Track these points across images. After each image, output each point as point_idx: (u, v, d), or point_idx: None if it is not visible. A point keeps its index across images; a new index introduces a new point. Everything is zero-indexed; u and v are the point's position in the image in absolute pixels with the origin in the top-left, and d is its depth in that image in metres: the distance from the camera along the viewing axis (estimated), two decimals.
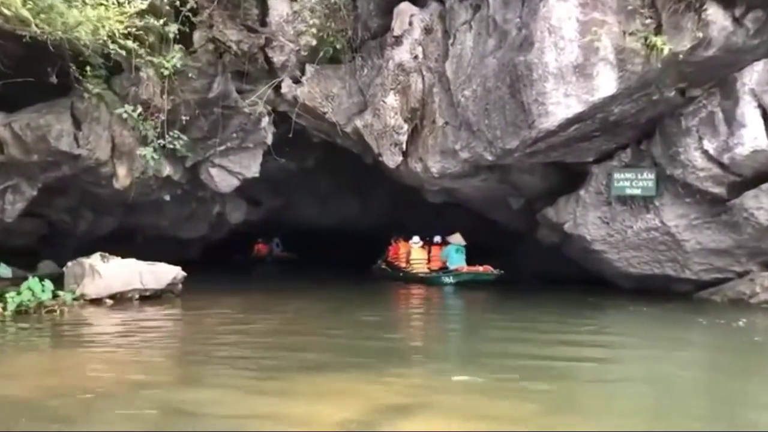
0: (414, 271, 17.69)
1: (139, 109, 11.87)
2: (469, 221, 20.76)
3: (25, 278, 14.49)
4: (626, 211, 11.76)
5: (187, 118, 12.44)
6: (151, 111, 12.49)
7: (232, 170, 15.05)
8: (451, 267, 16.60)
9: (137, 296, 10.35)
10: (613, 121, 10.34)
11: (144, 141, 12.94)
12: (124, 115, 11.51)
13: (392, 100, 12.45)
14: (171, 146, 12.32)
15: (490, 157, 11.17)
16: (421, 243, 18.28)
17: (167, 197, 14.44)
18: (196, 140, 13.93)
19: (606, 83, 9.59)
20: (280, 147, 19.24)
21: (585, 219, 12.21)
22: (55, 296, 9.45)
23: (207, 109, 13.13)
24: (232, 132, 14.02)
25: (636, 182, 11.34)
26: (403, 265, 18.51)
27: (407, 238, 18.96)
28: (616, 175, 11.49)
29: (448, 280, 16.32)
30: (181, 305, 10.82)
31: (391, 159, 12.62)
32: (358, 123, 12.83)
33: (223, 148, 14.46)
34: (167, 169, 14.49)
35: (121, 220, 18.01)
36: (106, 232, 17.70)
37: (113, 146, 12.58)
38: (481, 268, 16.00)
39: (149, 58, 11.25)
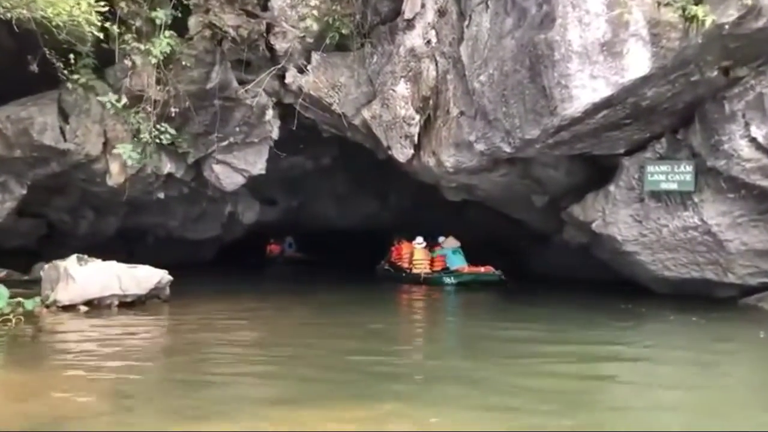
0: (416, 272, 17.46)
1: (124, 99, 11.03)
2: (492, 221, 19.67)
3: (21, 281, 13.90)
4: (661, 208, 10.60)
5: (178, 110, 11.56)
6: (145, 103, 11.72)
7: (236, 167, 14.18)
8: (452, 268, 16.54)
9: (116, 302, 9.47)
10: (646, 107, 9.20)
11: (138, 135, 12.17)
12: (108, 105, 10.64)
13: (403, 88, 11.46)
14: (158, 140, 11.41)
15: (508, 149, 10.11)
16: (424, 244, 18.14)
17: (161, 195, 13.60)
18: (197, 135, 13.11)
19: (638, 62, 8.46)
20: (292, 143, 18.44)
21: (615, 217, 11.07)
22: (20, 304, 8.59)
23: (206, 101, 12.29)
24: (235, 126, 13.16)
25: (672, 176, 10.18)
26: (406, 265, 18.29)
27: (410, 239, 18.82)
28: (650, 168, 10.34)
29: (449, 280, 16.21)
30: (163, 312, 9.88)
31: (401, 152, 11.62)
32: (366, 114, 11.86)
33: (226, 143, 13.62)
34: (168, 166, 13.70)
35: (125, 220, 17.31)
36: (111, 232, 17.01)
37: (106, 141, 11.79)
38: (482, 269, 15.92)
39: (135, 44, 10.40)
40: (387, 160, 14.61)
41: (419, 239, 18.22)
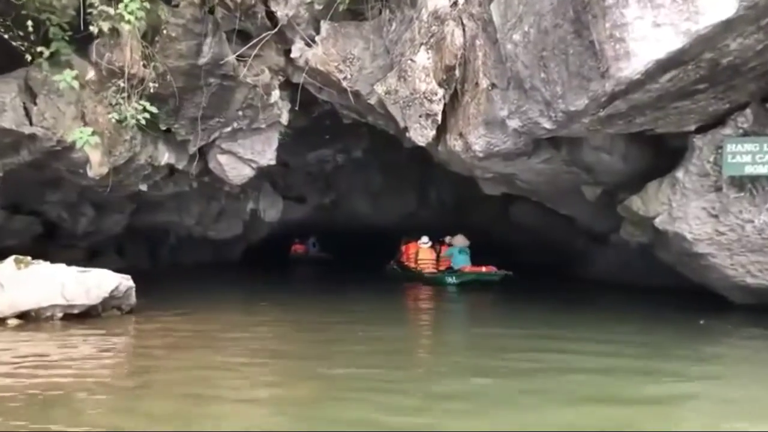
0: (419, 272, 17.48)
1: (91, 75, 9.54)
2: (541, 219, 17.62)
3: None
4: (744, 199, 8.45)
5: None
6: (123, 79, 10.21)
7: (243, 157, 12.62)
8: (456, 267, 16.45)
9: (59, 315, 7.90)
10: (727, 66, 7.08)
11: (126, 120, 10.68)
12: (61, 85, 9.10)
13: (423, 58, 9.61)
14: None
15: (548, 125, 8.15)
16: (429, 243, 17.98)
17: (144, 187, 12.04)
18: (195, 120, 11.58)
19: (718, 3, 6.40)
20: (316, 134, 16.84)
21: (684, 211, 8.96)
22: None
23: (200, 79, 10.73)
24: (237, 109, 11.59)
25: (760, 157, 8.04)
26: (413, 265, 18.19)
27: (418, 239, 18.53)
28: (731, 148, 8.19)
29: (452, 280, 16.12)
30: (115, 327, 8.14)
31: (421, 134, 9.76)
32: (379, 89, 10.05)
33: (229, 129, 12.08)
34: (165, 156, 12.24)
35: (133, 218, 15.96)
36: (116, 231, 15.68)
37: (84, 125, 10.31)
38: (484, 269, 15.66)
39: (104, 8, 8.85)
40: (424, 151, 12.85)
41: (424, 239, 18.01)
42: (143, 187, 11.83)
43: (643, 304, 11.89)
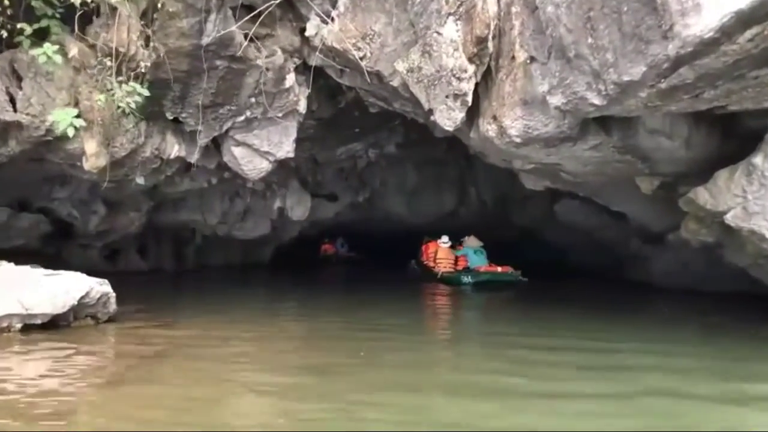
0: (438, 271, 17.59)
1: (74, 52, 8.59)
2: (588, 216, 16.15)
3: None
4: None
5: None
6: (129, 65, 9.30)
7: (259, 149, 11.56)
8: (472, 267, 16.84)
9: (18, 326, 6.87)
10: None
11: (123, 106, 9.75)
12: (41, 59, 8.11)
13: (451, 30, 8.36)
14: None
15: (596, 100, 6.81)
16: (449, 243, 18.14)
17: (141, 180, 11.03)
18: (204, 109, 10.58)
19: None
20: (344, 126, 15.73)
21: (763, 204, 7.51)
22: None
23: (205, 61, 9.70)
24: (249, 96, 10.53)
25: None
26: (432, 264, 18.29)
27: (438, 238, 18.79)
28: None
29: (467, 279, 16.34)
30: (79, 342, 6.88)
31: (448, 117, 8.50)
32: (400, 66, 8.84)
33: (242, 118, 11.04)
34: (175, 148, 11.29)
35: (151, 216, 15.13)
36: (133, 229, 14.84)
37: (79, 114, 9.39)
38: (499, 269, 16.13)
39: None
40: (462, 146, 11.68)
41: (444, 238, 18.20)
42: (140, 180, 10.84)
43: (712, 312, 10.47)
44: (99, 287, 7.41)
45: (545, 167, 10.19)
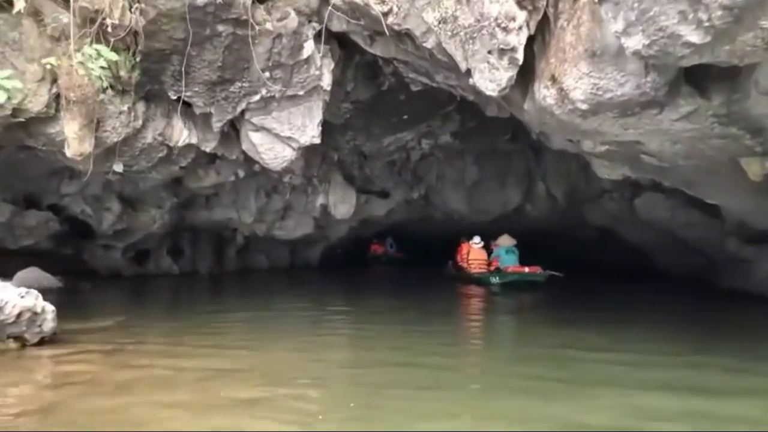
0: (470, 271, 17.52)
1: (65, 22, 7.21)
2: (676, 213, 13.86)
3: None
4: None
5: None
6: (114, 32, 7.89)
7: (279, 134, 9.98)
8: (502, 267, 16.44)
9: None
10: None
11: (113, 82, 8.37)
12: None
13: None
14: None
15: (695, 37, 4.75)
16: (481, 243, 17.78)
17: (119, 168, 9.48)
18: (211, 85, 9.09)
19: None
20: (392, 112, 14.00)
21: None
22: None
23: (205, 27, 8.19)
24: (262, 69, 8.93)
25: None
26: (465, 265, 18.04)
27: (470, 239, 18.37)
28: None
29: (495, 280, 16.23)
30: None
31: (490, 79, 6.59)
32: (430, 17, 7.01)
33: (257, 98, 9.48)
34: (184, 135, 9.86)
35: (178, 214, 13.83)
36: (155, 228, 13.55)
37: (59, 93, 8.04)
38: (526, 269, 15.75)
39: None
40: (529, 136, 9.82)
41: (476, 239, 17.87)
42: (118, 168, 9.31)
43: None
44: (21, 301, 5.86)
45: (622, 148, 8.14)
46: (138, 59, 8.38)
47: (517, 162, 18.56)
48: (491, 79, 6.49)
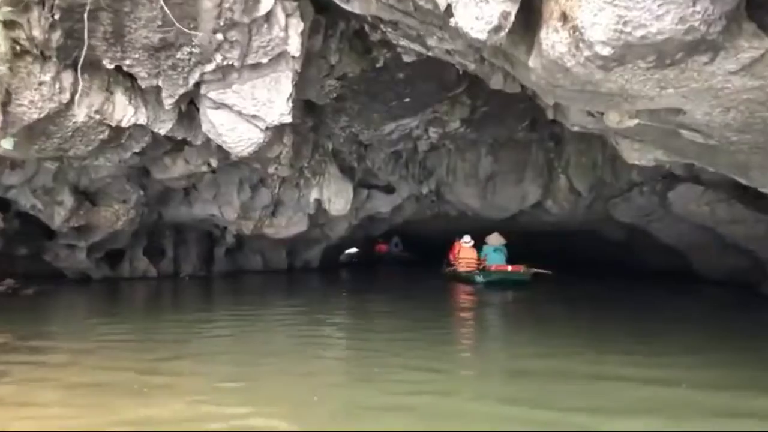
0: (459, 270, 17.80)
1: None
2: (716, 206, 12.07)
3: None
4: None
5: None
6: None
7: (242, 112, 8.42)
8: (489, 266, 16.75)
9: None
10: None
11: (27, 45, 6.90)
12: None
13: None
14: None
15: None
16: (471, 243, 18.07)
17: (8, 144, 7.77)
18: (152, 51, 7.55)
19: None
20: (390, 93, 12.41)
21: None
22: None
23: None
24: (213, 30, 7.37)
25: None
26: (456, 263, 18.35)
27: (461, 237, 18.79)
28: None
29: (480, 279, 16.54)
30: None
31: (476, 15, 4.86)
32: None
33: (212, 66, 7.96)
34: (129, 113, 8.35)
35: (154, 210, 12.37)
36: (122, 226, 12.08)
37: None
38: (509, 268, 16.11)
39: None
40: (549, 125, 8.13)
41: (466, 237, 18.19)
42: (8, 145, 7.64)
43: None
44: None
45: (656, 120, 6.40)
46: (56, 16, 6.85)
47: (536, 153, 16.87)
48: (477, 15, 4.79)
